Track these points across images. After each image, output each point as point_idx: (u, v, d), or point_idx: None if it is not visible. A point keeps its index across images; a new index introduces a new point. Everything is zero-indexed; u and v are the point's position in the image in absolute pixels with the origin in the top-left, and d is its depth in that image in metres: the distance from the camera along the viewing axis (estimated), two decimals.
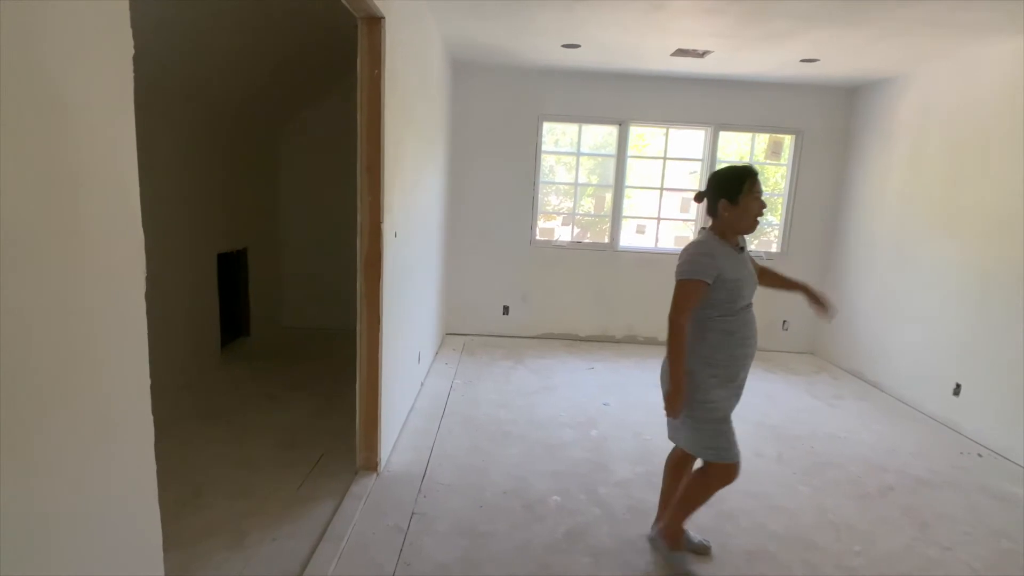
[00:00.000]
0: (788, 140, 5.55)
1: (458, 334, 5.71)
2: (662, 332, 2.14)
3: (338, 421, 3.46)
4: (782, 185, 5.67)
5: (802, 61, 4.44)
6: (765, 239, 5.96)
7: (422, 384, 4.26)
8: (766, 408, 4.23)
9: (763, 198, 2.08)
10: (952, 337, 4.07)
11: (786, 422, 3.98)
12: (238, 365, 4.47)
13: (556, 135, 5.77)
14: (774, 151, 5.69)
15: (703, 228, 2.18)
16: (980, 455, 3.63)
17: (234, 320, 4.93)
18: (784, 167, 5.63)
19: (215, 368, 4.33)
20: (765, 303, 5.90)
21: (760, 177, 2.11)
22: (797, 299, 5.89)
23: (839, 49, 4.08)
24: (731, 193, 2.05)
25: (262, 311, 5.21)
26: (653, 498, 2.85)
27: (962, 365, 3.98)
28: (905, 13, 3.28)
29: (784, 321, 5.77)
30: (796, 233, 5.63)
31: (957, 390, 4.01)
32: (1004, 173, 3.74)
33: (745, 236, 2.18)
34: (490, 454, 3.25)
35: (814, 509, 2.88)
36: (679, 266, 2.07)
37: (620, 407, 4.07)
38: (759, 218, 2.08)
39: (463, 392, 4.18)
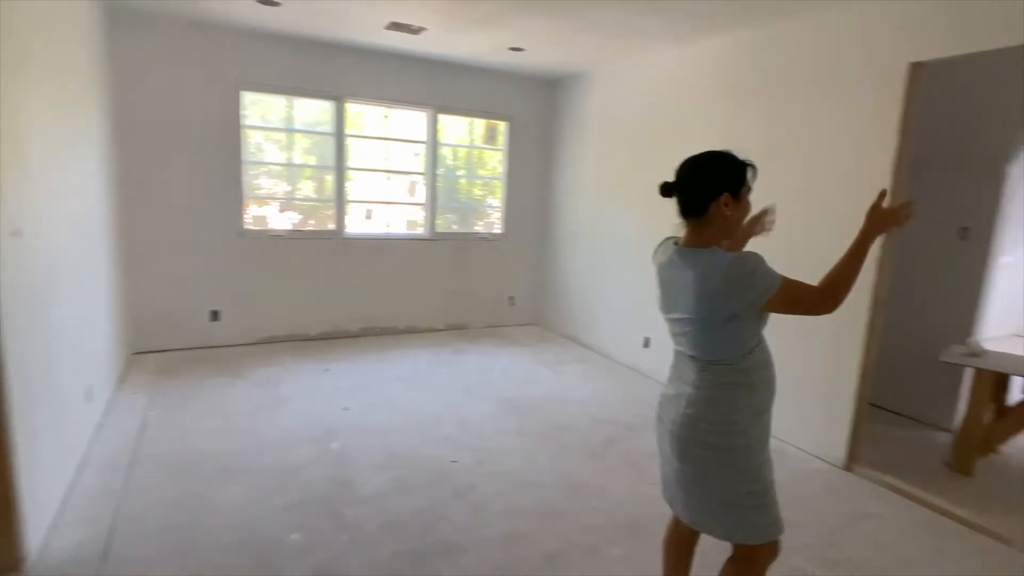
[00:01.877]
0: (502, 126, 5.85)
1: (151, 352, 4.61)
2: (401, 320, 1.80)
3: None
4: (499, 170, 5.98)
5: (510, 49, 4.64)
6: (488, 221, 6.23)
7: (99, 427, 3.27)
8: (502, 383, 4.41)
9: (491, 182, 1.80)
10: (639, 298, 4.81)
11: (521, 394, 4.20)
12: None
13: (263, 108, 5.03)
14: (491, 136, 5.95)
15: (672, 239, 1.69)
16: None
17: None
18: (501, 152, 5.93)
19: None
20: (493, 280, 6.32)
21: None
22: (522, 275, 6.23)
23: (540, 40, 4.35)
24: (735, 184, 1.57)
25: None
26: (406, 506, 2.66)
27: (648, 321, 4.73)
28: (592, 14, 3.62)
29: (511, 297, 6.15)
30: (514, 215, 6.01)
31: (647, 343, 4.75)
32: (665, 160, 4.49)
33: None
34: (205, 500, 2.63)
35: (555, 476, 3.05)
36: (748, 291, 1.47)
37: (362, 409, 3.76)
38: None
39: (162, 426, 3.35)
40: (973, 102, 3.57)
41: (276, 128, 5.11)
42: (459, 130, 5.84)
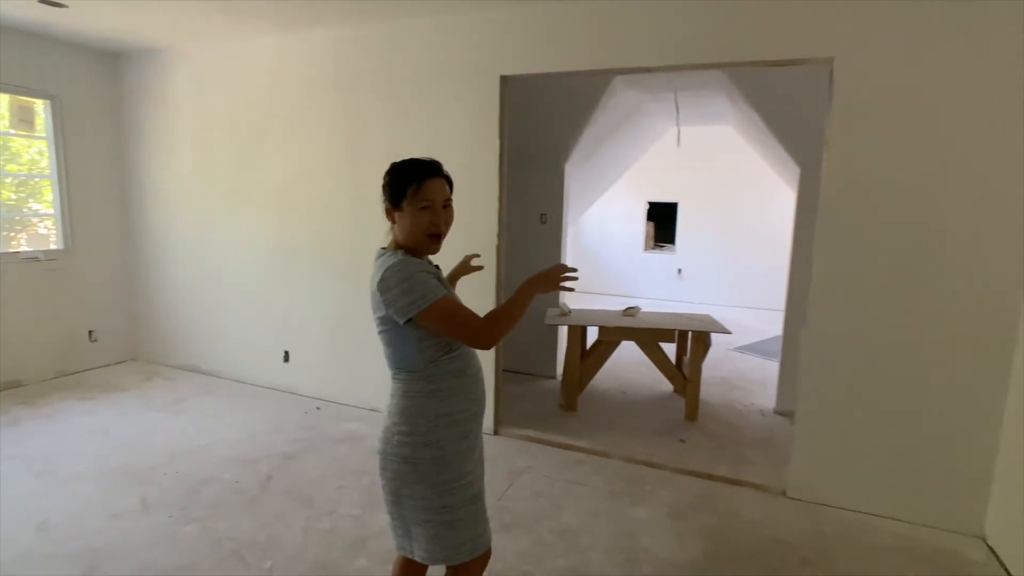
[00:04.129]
0: (42, 106, 4.34)
1: None
2: None
3: None
4: (44, 164, 4.44)
5: (42, 2, 3.41)
6: (36, 234, 4.59)
7: None
8: (103, 448, 3.34)
9: (29, 180, 1.26)
10: (273, 308, 4.32)
11: (136, 455, 3.25)
12: None
13: None
14: (23, 119, 4.33)
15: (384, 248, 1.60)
16: (318, 408, 4.07)
17: None
18: (44, 140, 4.40)
19: None
20: (58, 313, 4.69)
21: (432, 180, 1.54)
22: (104, 300, 4.91)
23: None
24: (393, 195, 1.54)
25: None
26: None
27: (286, 332, 4.31)
28: None
29: (91, 332, 4.72)
30: (80, 224, 4.58)
31: (287, 357, 4.33)
32: (280, 156, 4.11)
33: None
34: None
35: (211, 547, 2.45)
36: (399, 298, 1.44)
37: None
38: (434, 234, 1.54)
39: None
40: (541, 112, 4.39)
41: None
42: None
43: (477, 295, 3.53)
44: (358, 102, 3.78)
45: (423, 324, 1.46)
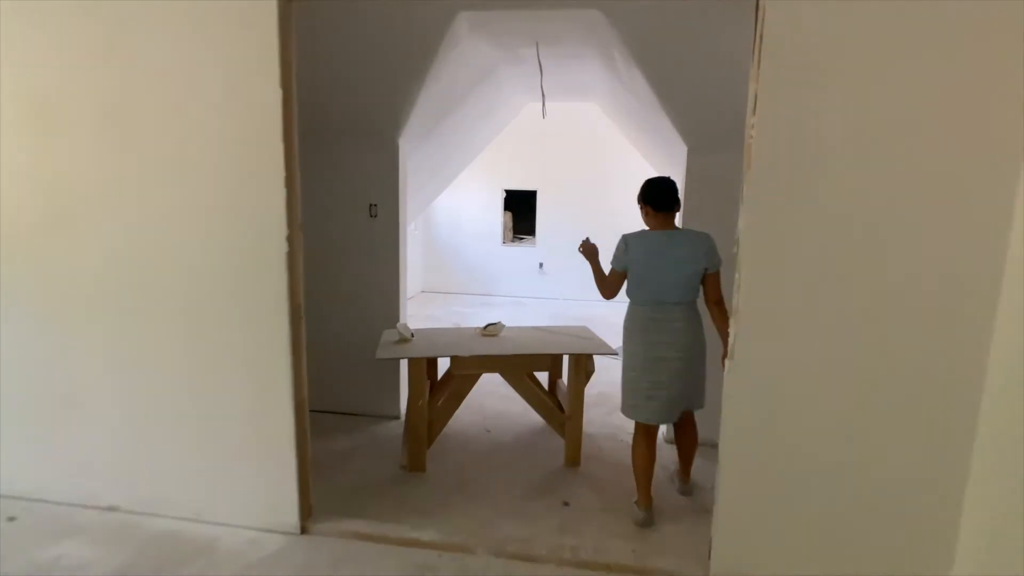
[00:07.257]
0: None
1: None
2: None
3: None
4: None
5: None
6: None
7: None
8: None
9: None
10: None
11: None
12: None
13: None
14: None
15: (643, 231, 2.66)
16: (12, 518, 2.56)
17: None
18: None
19: None
20: None
21: None
22: None
23: None
24: None
25: None
26: None
27: None
28: None
29: None
30: None
31: None
32: None
33: None
34: None
35: None
36: (717, 258, 2.49)
37: None
38: None
39: None
40: (362, 65, 3.17)
41: None
42: None
43: (262, 320, 2.32)
44: (52, 30, 2.31)
45: (711, 276, 2.51)
